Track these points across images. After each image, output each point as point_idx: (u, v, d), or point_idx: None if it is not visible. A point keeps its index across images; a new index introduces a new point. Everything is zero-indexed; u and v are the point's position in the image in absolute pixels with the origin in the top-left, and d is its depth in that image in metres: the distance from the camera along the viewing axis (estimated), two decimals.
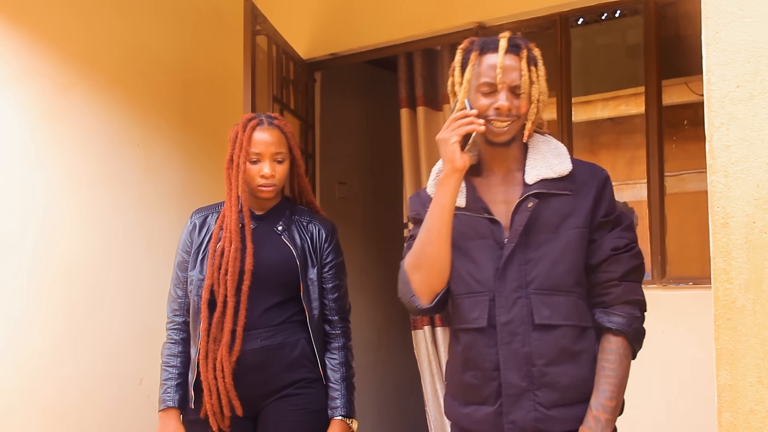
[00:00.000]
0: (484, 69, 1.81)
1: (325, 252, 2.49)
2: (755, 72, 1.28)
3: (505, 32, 1.85)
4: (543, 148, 1.89)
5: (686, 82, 4.48)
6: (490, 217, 1.84)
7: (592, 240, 1.83)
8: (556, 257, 1.79)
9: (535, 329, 1.78)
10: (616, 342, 1.79)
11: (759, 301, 1.26)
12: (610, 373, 1.77)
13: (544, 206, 1.81)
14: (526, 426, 1.77)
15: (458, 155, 1.79)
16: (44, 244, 3.27)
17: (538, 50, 1.86)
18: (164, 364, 2.46)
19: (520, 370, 1.77)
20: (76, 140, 3.45)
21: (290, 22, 4.07)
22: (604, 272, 1.82)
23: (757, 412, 1.25)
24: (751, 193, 1.27)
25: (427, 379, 3.91)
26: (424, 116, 4.01)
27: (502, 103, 1.79)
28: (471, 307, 1.84)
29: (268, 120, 2.46)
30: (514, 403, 1.78)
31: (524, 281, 1.79)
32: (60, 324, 3.31)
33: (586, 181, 1.84)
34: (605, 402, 1.75)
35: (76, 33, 3.48)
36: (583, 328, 1.81)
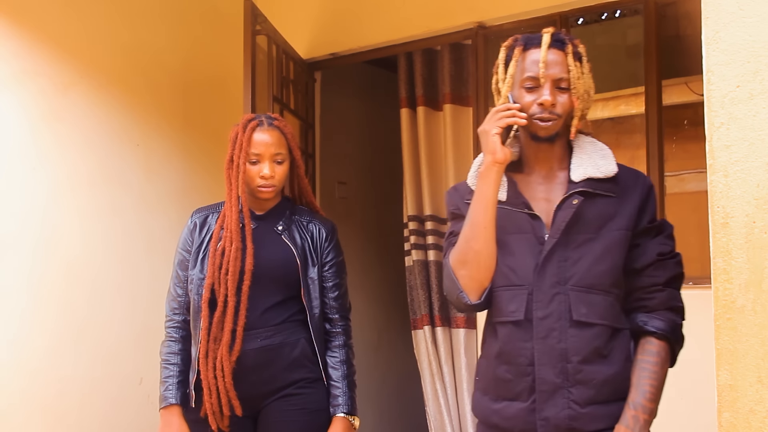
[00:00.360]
0: (528, 64, 1.81)
1: (326, 251, 2.49)
2: (755, 72, 1.28)
3: (550, 28, 1.84)
4: (589, 148, 1.87)
5: (686, 81, 4.48)
6: (530, 213, 1.83)
7: (636, 244, 1.81)
8: (597, 257, 1.78)
9: (572, 326, 1.76)
10: (659, 345, 1.78)
11: (759, 301, 1.26)
12: (651, 374, 1.76)
13: (588, 205, 1.80)
14: (559, 423, 1.75)
15: (499, 147, 1.77)
16: (44, 244, 3.27)
17: (583, 47, 1.85)
18: (164, 362, 2.46)
19: (555, 366, 1.76)
20: (77, 140, 3.45)
21: (290, 22, 4.07)
22: (648, 276, 1.81)
23: (757, 412, 1.25)
24: (752, 193, 1.27)
25: (427, 379, 3.91)
26: (424, 116, 4.01)
27: (546, 97, 1.78)
28: (509, 299, 1.82)
29: (268, 121, 2.46)
30: (547, 399, 1.76)
31: (563, 278, 1.78)
32: (60, 324, 3.31)
33: (630, 185, 1.83)
34: (645, 402, 1.74)
35: (76, 33, 3.48)
36: (616, 329, 1.79)
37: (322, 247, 2.49)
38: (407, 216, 4.06)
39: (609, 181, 1.81)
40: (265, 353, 2.36)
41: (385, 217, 4.93)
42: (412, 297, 4.00)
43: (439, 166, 3.98)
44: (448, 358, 3.85)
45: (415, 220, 4.02)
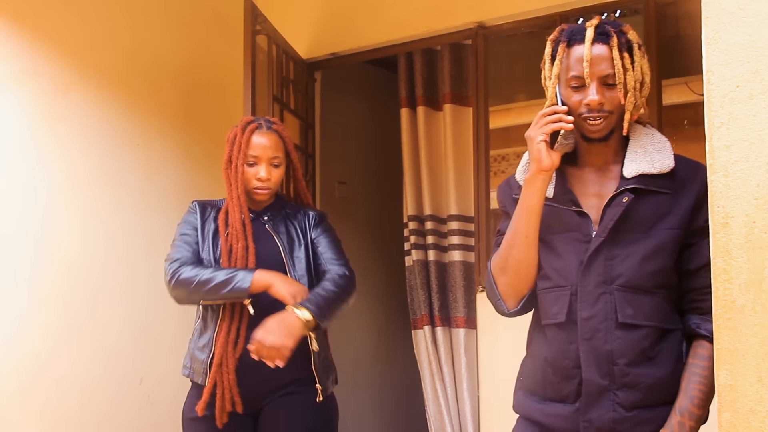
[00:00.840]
0: (572, 62, 1.74)
1: (314, 230, 2.53)
2: (755, 72, 1.28)
3: (593, 20, 1.76)
4: (645, 141, 1.79)
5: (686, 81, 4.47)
6: (577, 210, 1.78)
7: (690, 243, 1.73)
8: (646, 256, 1.71)
9: (618, 327, 1.70)
10: (710, 349, 1.63)
11: (759, 301, 1.26)
12: (700, 379, 1.67)
13: (640, 203, 1.72)
14: (603, 426, 1.71)
15: (545, 154, 1.72)
16: (45, 244, 3.27)
17: (634, 33, 1.77)
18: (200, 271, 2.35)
19: (601, 367, 1.71)
20: (77, 140, 3.45)
21: (290, 22, 4.07)
22: (703, 278, 1.69)
23: (757, 412, 1.25)
24: (752, 192, 1.27)
25: (427, 379, 3.91)
26: (424, 116, 4.01)
27: (592, 97, 1.71)
28: (552, 301, 1.79)
29: (266, 124, 2.51)
30: (593, 402, 1.72)
31: (609, 277, 1.72)
32: (60, 323, 3.31)
33: (687, 179, 1.74)
34: (692, 408, 1.66)
35: (77, 32, 3.48)
36: (665, 330, 1.73)
37: (310, 228, 2.53)
38: (407, 216, 4.06)
39: (665, 176, 1.73)
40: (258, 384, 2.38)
41: (385, 217, 4.93)
42: (412, 297, 4.00)
43: (439, 166, 3.98)
44: (448, 358, 3.85)
45: (415, 220, 4.02)
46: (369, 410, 4.90)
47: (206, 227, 2.50)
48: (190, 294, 2.35)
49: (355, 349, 4.73)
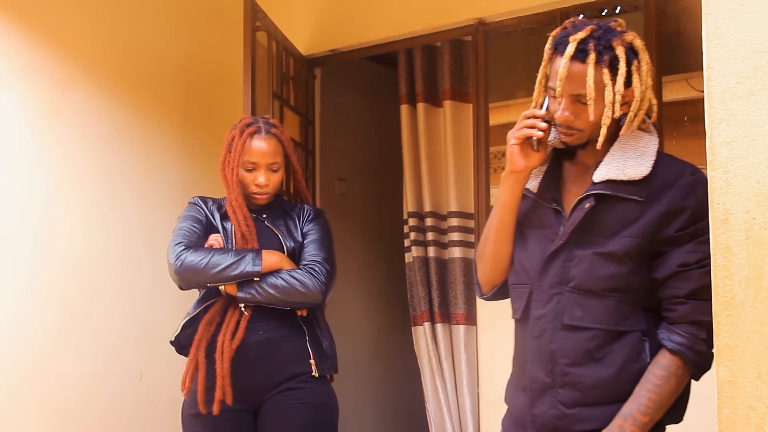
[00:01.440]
0: (552, 73, 1.74)
1: (307, 225, 2.53)
2: (756, 68, 1.28)
3: (583, 31, 1.69)
4: (629, 144, 1.75)
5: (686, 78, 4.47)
6: (555, 208, 1.80)
7: (661, 252, 1.70)
8: (599, 261, 1.71)
9: (563, 328, 1.74)
10: (670, 360, 1.67)
11: (759, 298, 1.26)
12: (652, 387, 1.67)
13: (606, 208, 1.72)
14: (546, 422, 1.77)
15: (516, 157, 1.77)
16: (44, 241, 3.27)
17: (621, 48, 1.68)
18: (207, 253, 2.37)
19: (545, 366, 1.77)
20: (77, 137, 3.44)
21: (290, 19, 4.06)
22: (669, 288, 1.69)
23: (756, 408, 1.25)
24: (752, 189, 1.27)
25: (427, 376, 3.91)
26: (424, 112, 4.01)
27: (560, 114, 1.73)
28: (515, 298, 1.87)
29: (266, 128, 2.49)
30: (537, 397, 1.78)
31: (564, 278, 1.75)
32: (60, 320, 3.31)
33: (665, 187, 1.70)
34: (637, 414, 1.67)
35: (76, 29, 3.48)
36: (619, 332, 1.72)
37: (304, 222, 2.53)
38: (407, 212, 4.06)
39: (636, 183, 1.70)
40: (268, 345, 2.37)
41: (385, 213, 4.93)
42: (412, 293, 4.00)
43: (439, 162, 3.97)
44: (448, 355, 3.85)
45: (415, 217, 4.02)
46: (369, 406, 4.91)
47: (211, 220, 2.52)
48: (197, 276, 2.34)
49: (355, 346, 4.73)
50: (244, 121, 2.53)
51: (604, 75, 1.66)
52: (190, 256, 2.35)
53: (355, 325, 4.69)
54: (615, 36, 1.69)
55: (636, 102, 1.71)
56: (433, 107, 4.02)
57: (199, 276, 2.34)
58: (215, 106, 4.09)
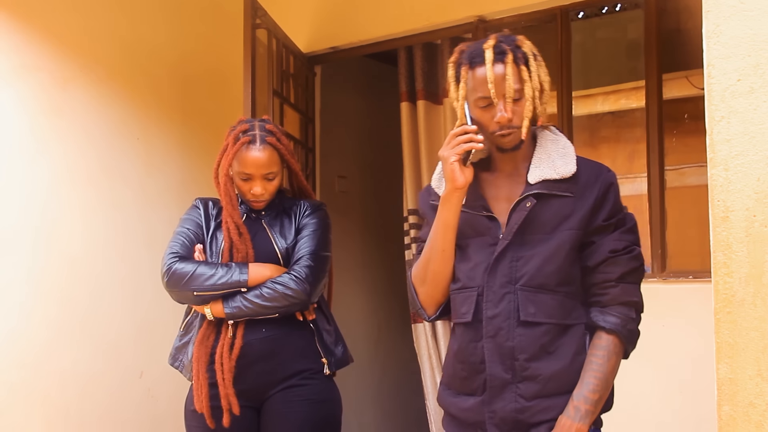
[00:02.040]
0: (477, 84, 1.81)
1: (304, 219, 2.49)
2: (756, 65, 1.28)
3: (489, 40, 1.83)
4: (550, 147, 1.89)
5: (687, 75, 4.47)
6: (488, 215, 1.87)
7: (591, 242, 1.84)
8: (547, 257, 1.81)
9: (519, 325, 1.81)
10: (607, 339, 1.81)
11: (759, 295, 1.26)
12: (596, 367, 1.80)
13: (543, 207, 1.83)
14: (506, 416, 1.81)
15: (458, 174, 1.80)
16: (44, 238, 3.27)
17: (529, 44, 1.85)
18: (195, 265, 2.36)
19: (504, 363, 1.82)
20: (76, 134, 3.44)
21: (290, 16, 4.06)
22: (601, 273, 1.83)
23: (756, 405, 1.26)
24: (752, 186, 1.27)
25: (427, 373, 3.91)
26: (424, 110, 4.01)
27: (502, 115, 1.80)
28: (461, 302, 1.90)
29: (261, 138, 2.41)
30: (497, 394, 1.82)
31: (513, 277, 1.82)
32: (60, 317, 3.32)
33: (589, 183, 1.85)
34: (588, 394, 1.78)
35: (76, 27, 3.47)
36: (566, 326, 1.83)
37: (300, 218, 2.49)
38: (407, 210, 4.06)
39: (567, 181, 1.83)
40: (270, 343, 2.37)
41: (385, 210, 4.94)
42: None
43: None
44: None
45: (415, 214, 4.02)
46: (369, 404, 4.91)
47: (210, 224, 2.49)
48: (185, 287, 2.33)
49: (356, 343, 4.71)
50: (240, 128, 2.45)
51: (523, 71, 1.80)
52: (179, 266, 2.35)
53: (355, 323, 4.69)
54: (515, 38, 1.86)
55: (546, 93, 1.85)
56: (433, 105, 4.02)
57: (187, 286, 2.33)
58: (215, 103, 4.09)
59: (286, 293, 2.32)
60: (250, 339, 2.36)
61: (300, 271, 2.36)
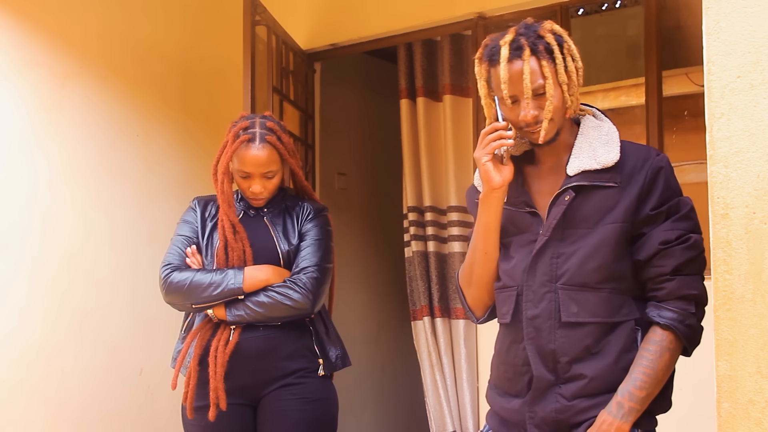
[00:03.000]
0: (497, 82, 1.75)
1: (306, 225, 2.47)
2: (756, 62, 1.27)
3: (507, 35, 1.75)
4: (592, 134, 1.80)
5: (687, 72, 4.47)
6: (530, 210, 1.81)
7: (641, 234, 1.74)
8: (589, 252, 1.73)
9: (561, 326, 1.75)
10: (662, 335, 1.70)
11: (759, 292, 1.26)
12: (647, 363, 1.70)
13: (584, 199, 1.74)
14: (546, 416, 1.76)
15: (493, 174, 1.76)
16: (45, 235, 3.27)
17: (552, 33, 1.75)
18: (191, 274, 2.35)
19: (546, 365, 1.76)
20: (77, 131, 3.44)
21: (290, 13, 4.06)
22: (654, 267, 1.73)
23: (756, 402, 1.26)
24: (752, 183, 1.27)
25: (426, 370, 3.91)
26: (424, 107, 4.00)
27: (525, 114, 1.72)
28: (502, 302, 1.85)
29: (261, 136, 2.39)
30: (539, 395, 1.77)
31: (554, 275, 1.75)
32: (61, 314, 3.31)
33: (636, 170, 1.74)
34: (634, 390, 1.69)
35: (76, 23, 3.47)
36: (614, 324, 1.75)
37: (303, 222, 2.46)
38: (407, 207, 4.06)
39: (610, 170, 1.74)
40: (267, 341, 2.37)
41: (384, 208, 4.94)
42: (412, 288, 4.00)
43: (439, 157, 3.97)
44: (447, 350, 3.85)
45: (414, 211, 4.02)
46: (369, 401, 4.91)
47: (206, 226, 2.47)
48: (184, 298, 2.34)
49: (355, 341, 4.73)
50: (240, 126, 2.42)
51: (544, 66, 1.71)
52: (175, 277, 2.34)
53: (354, 320, 4.69)
54: (538, 27, 1.75)
55: (574, 82, 1.75)
56: (432, 102, 4.02)
57: (185, 298, 2.34)
58: (215, 99, 4.09)
59: (290, 304, 2.32)
60: (247, 336, 2.35)
61: (305, 281, 2.34)
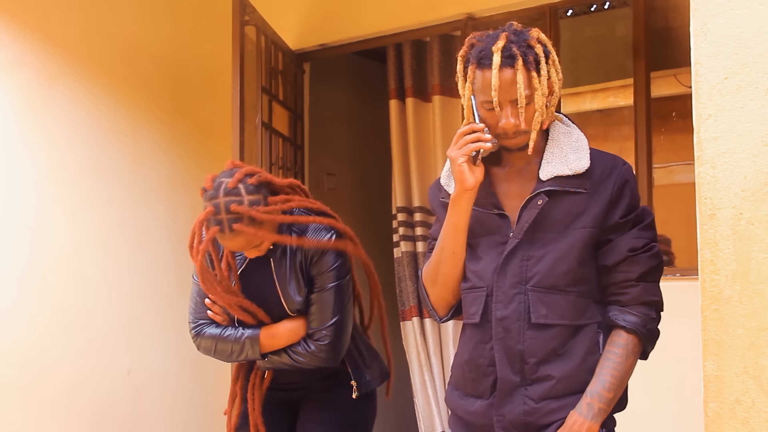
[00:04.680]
0: (483, 87, 1.73)
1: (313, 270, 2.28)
2: (743, 63, 1.28)
3: (499, 41, 1.72)
4: (563, 140, 1.82)
5: (675, 73, 4.49)
6: (498, 213, 1.82)
7: (607, 240, 1.78)
8: (560, 256, 1.75)
9: (530, 327, 1.76)
10: (627, 338, 1.76)
11: (745, 292, 1.27)
12: (613, 365, 1.74)
13: (555, 204, 1.76)
14: (514, 419, 1.77)
15: (467, 175, 1.75)
16: (33, 236, 3.25)
17: (540, 43, 1.76)
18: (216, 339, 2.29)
19: (513, 366, 1.77)
20: (64, 131, 3.43)
21: (279, 13, 4.05)
22: (620, 272, 1.77)
23: (742, 402, 1.26)
24: (739, 184, 1.28)
25: (415, 370, 3.91)
26: (413, 107, 4.01)
27: (506, 122, 1.73)
28: (470, 302, 1.85)
29: (228, 224, 2.07)
30: (505, 397, 1.78)
31: (524, 277, 1.76)
32: (49, 315, 3.30)
33: (603, 178, 1.77)
34: (603, 391, 1.73)
35: (63, 22, 3.45)
36: (578, 326, 1.78)
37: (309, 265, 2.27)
38: (396, 207, 4.06)
39: (580, 176, 1.76)
40: (300, 375, 2.37)
41: (373, 208, 4.93)
42: (401, 288, 4.00)
43: (428, 157, 3.98)
44: (436, 350, 3.86)
45: (404, 212, 4.02)
46: None
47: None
48: (215, 356, 2.37)
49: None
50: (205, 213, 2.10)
51: (533, 78, 1.72)
52: (201, 343, 2.34)
53: None
54: (528, 35, 1.76)
55: (555, 95, 1.78)
56: (422, 102, 4.02)
57: (217, 358, 2.37)
58: (204, 100, 4.08)
59: (316, 359, 2.27)
60: (280, 373, 2.35)
61: (319, 348, 2.26)
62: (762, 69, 1.26)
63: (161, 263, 3.81)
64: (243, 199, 2.09)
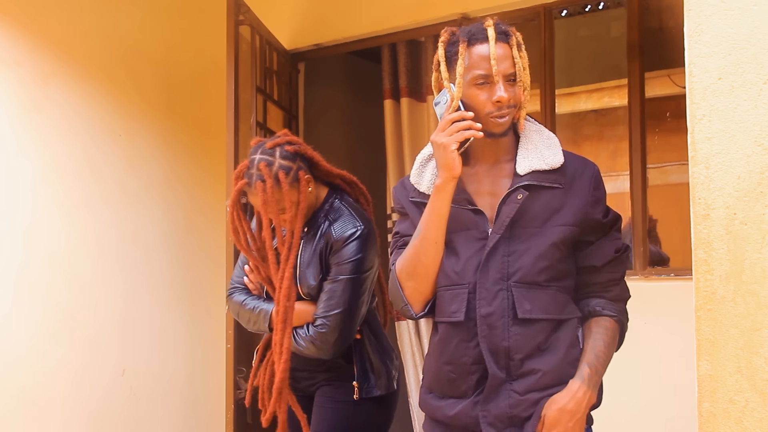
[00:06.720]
0: (476, 60, 1.73)
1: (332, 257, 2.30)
2: (737, 64, 1.28)
3: (488, 20, 1.77)
4: (535, 138, 1.83)
5: (669, 74, 4.50)
6: (473, 208, 1.81)
7: (590, 240, 1.81)
8: (541, 251, 1.76)
9: (516, 323, 1.75)
10: (614, 326, 1.83)
11: (739, 292, 1.27)
12: (603, 344, 1.80)
13: (534, 199, 1.77)
14: (500, 413, 1.76)
15: (458, 162, 1.73)
16: (28, 236, 3.24)
17: (520, 34, 1.81)
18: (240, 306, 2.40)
19: (499, 362, 1.76)
20: (58, 130, 3.41)
21: (274, 13, 4.05)
22: (607, 272, 1.84)
23: (736, 402, 1.26)
24: (732, 184, 1.28)
25: (410, 371, 3.91)
26: (408, 107, 4.01)
27: (502, 94, 1.72)
28: (450, 299, 1.82)
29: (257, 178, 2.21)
30: (492, 393, 1.77)
31: (506, 273, 1.76)
32: (43, 314, 3.29)
33: (576, 175, 1.80)
34: (598, 365, 1.78)
35: (57, 21, 3.44)
36: (560, 321, 1.79)
37: (330, 252, 2.31)
38: (391, 207, 4.05)
39: (555, 172, 1.78)
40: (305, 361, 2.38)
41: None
42: None
43: None
44: None
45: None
46: None
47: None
48: (240, 321, 2.47)
49: None
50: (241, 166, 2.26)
51: (523, 58, 1.76)
52: (231, 306, 2.45)
53: None
54: (508, 27, 1.80)
55: (527, 91, 1.80)
56: (416, 102, 4.02)
57: (240, 322, 2.48)
58: (198, 99, 4.08)
59: (312, 347, 2.28)
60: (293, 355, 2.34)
61: (322, 335, 2.26)
62: (755, 69, 1.26)
63: (156, 263, 3.80)
64: (275, 160, 2.23)
